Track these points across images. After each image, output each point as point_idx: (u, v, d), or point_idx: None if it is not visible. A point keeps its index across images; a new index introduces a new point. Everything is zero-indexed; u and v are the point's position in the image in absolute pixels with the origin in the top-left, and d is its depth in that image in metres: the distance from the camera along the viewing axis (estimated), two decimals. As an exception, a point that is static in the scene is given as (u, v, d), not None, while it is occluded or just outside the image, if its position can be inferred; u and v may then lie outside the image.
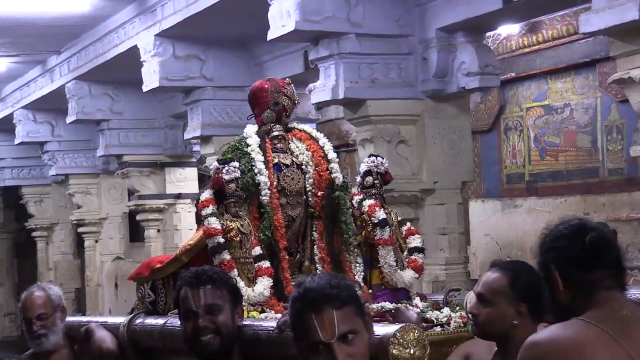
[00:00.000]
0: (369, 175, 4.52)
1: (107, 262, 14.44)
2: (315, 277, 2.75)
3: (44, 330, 4.89)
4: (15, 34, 10.55)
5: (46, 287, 5.16)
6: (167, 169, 12.91)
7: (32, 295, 4.97)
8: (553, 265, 2.76)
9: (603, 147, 9.43)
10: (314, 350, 2.67)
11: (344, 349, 2.64)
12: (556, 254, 2.77)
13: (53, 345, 4.93)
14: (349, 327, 2.67)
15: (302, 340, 2.71)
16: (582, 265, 2.74)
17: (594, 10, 5.33)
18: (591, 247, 2.77)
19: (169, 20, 8.95)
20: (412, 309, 4.22)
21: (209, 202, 4.24)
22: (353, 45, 7.30)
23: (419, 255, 4.54)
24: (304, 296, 2.69)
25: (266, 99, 4.40)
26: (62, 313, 5.04)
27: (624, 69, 5.42)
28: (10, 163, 17.04)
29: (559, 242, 2.79)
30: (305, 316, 2.67)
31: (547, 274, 2.80)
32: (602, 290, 2.73)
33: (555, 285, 2.76)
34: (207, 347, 3.35)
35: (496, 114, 10.55)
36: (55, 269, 16.57)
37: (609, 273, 2.77)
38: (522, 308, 3.38)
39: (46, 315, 4.92)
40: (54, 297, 5.02)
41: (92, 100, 11.99)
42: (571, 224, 2.85)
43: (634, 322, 2.69)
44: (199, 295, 3.37)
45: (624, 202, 8.97)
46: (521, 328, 3.37)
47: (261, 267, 4.20)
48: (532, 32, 9.83)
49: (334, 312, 2.65)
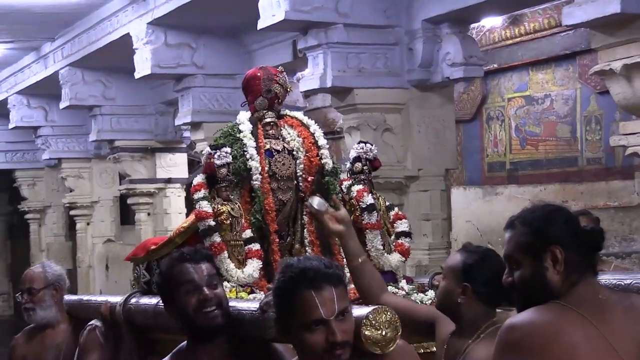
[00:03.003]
0: (358, 161, 4.51)
1: (99, 244, 14.43)
2: (304, 259, 2.75)
3: (30, 304, 4.99)
4: (10, 21, 10.50)
5: (47, 265, 5.22)
6: (158, 154, 12.90)
7: (29, 271, 5.12)
8: (559, 245, 2.73)
9: (582, 137, 9.46)
10: (308, 329, 2.66)
11: (339, 325, 2.65)
12: (565, 235, 2.74)
13: (40, 319, 5.01)
14: (344, 304, 2.68)
15: (294, 321, 2.70)
16: (583, 250, 2.74)
17: (577, 3, 5.33)
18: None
19: (161, 9, 8.92)
20: (398, 291, 4.22)
21: (201, 187, 4.23)
22: (341, 35, 7.29)
23: (405, 240, 4.54)
24: (301, 275, 2.67)
25: (259, 87, 4.39)
26: (56, 291, 5.07)
27: (605, 60, 5.43)
28: (4, 147, 16.99)
29: (566, 225, 2.76)
30: (303, 295, 2.65)
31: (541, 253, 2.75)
32: (584, 275, 2.74)
33: (554, 265, 2.72)
34: (213, 319, 3.29)
35: (479, 103, 10.58)
36: (47, 251, 16.55)
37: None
38: (466, 288, 3.41)
39: (35, 290, 4.99)
40: (49, 276, 5.06)
41: (85, 87, 11.96)
42: (567, 209, 2.84)
43: (609, 306, 2.69)
44: (201, 269, 3.35)
45: (601, 191, 8.99)
46: (466, 307, 3.41)
47: (251, 249, 4.20)
48: (515, 25, 9.85)
49: (333, 289, 2.66)
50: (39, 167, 16.70)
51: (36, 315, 5.04)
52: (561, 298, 2.70)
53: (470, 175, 10.76)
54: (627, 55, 5.27)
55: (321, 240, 4.33)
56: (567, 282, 2.71)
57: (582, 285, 2.71)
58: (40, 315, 5.04)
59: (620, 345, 2.62)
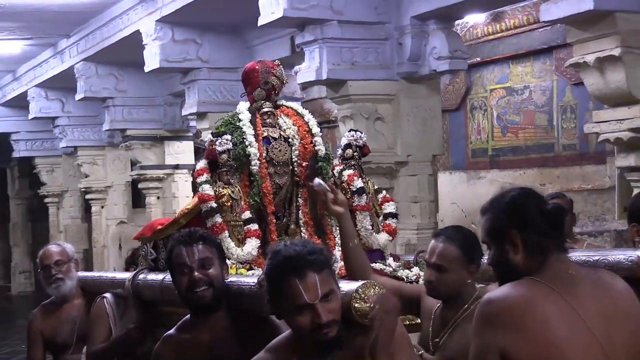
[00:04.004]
0: (348, 148, 4.51)
1: (112, 225, 14.44)
2: (290, 245, 2.74)
3: (61, 274, 4.98)
4: (29, 19, 10.48)
5: (61, 242, 5.27)
6: (166, 142, 12.91)
7: (49, 247, 5.11)
8: (515, 229, 2.75)
9: (558, 125, 9.46)
10: (297, 312, 2.67)
11: (324, 307, 2.65)
12: (520, 219, 2.75)
13: (69, 290, 5.01)
14: (328, 287, 2.68)
15: (283, 303, 2.71)
16: (542, 231, 2.73)
17: (554, 1, 5.32)
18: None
19: (168, 7, 8.91)
20: (385, 268, 4.22)
21: (204, 171, 4.23)
22: (335, 31, 7.28)
23: (392, 220, 4.54)
24: (285, 263, 2.68)
25: (257, 79, 4.38)
26: (76, 264, 5.11)
27: (580, 54, 5.42)
28: (25, 136, 17.01)
29: (522, 208, 2.77)
30: (289, 282, 2.66)
31: (502, 237, 2.78)
32: (552, 252, 2.74)
33: (514, 248, 2.75)
34: (201, 298, 3.34)
35: (463, 94, 10.57)
36: (65, 232, 16.56)
37: (559, 238, 2.77)
38: (472, 268, 3.43)
39: (62, 261, 4.99)
40: (68, 250, 5.09)
41: (98, 80, 11.96)
42: (525, 192, 2.83)
43: (578, 280, 2.70)
44: (192, 252, 3.37)
45: (576, 175, 9.01)
46: (471, 285, 3.46)
47: (250, 229, 4.20)
48: (496, 21, 9.83)
49: (315, 276, 2.66)
50: (57, 155, 16.68)
51: (65, 285, 5.02)
52: (534, 274, 2.70)
53: (456, 160, 10.76)
54: (600, 49, 5.26)
55: (315, 220, 4.33)
56: (535, 260, 2.72)
57: (552, 261, 2.72)
58: (68, 286, 5.03)
59: (588, 316, 2.63)
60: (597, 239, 7.47)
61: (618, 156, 5.62)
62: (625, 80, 5.22)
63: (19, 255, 20.99)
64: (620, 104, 5.37)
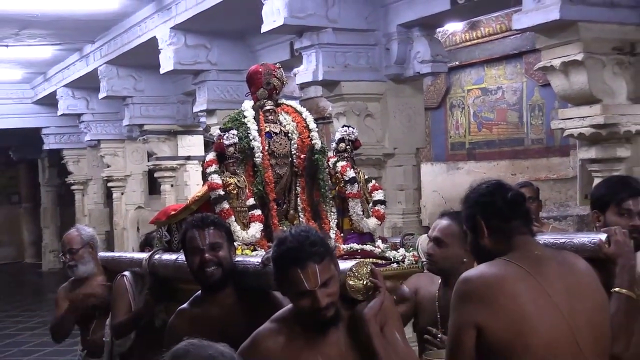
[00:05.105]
0: (342, 141, 4.48)
1: (131, 210, 14.41)
2: (295, 236, 2.72)
3: (73, 262, 5.05)
4: (58, 27, 10.46)
5: (80, 228, 5.24)
6: (179, 136, 12.89)
7: (67, 235, 5.13)
8: (479, 216, 2.75)
9: (527, 121, 9.45)
10: (299, 296, 2.69)
11: (323, 292, 2.66)
12: (482, 207, 2.77)
13: (82, 273, 5.05)
14: (327, 275, 2.68)
15: (287, 287, 2.73)
16: (503, 216, 2.74)
17: (524, 11, 5.30)
18: (511, 202, 2.77)
19: (181, 16, 8.88)
20: (374, 249, 4.21)
21: (212, 162, 4.20)
22: (330, 37, 7.25)
23: (381, 207, 4.51)
24: (289, 254, 2.68)
25: (260, 80, 4.35)
26: (92, 249, 5.09)
27: (547, 58, 5.40)
28: (54, 130, 16.99)
29: (485, 197, 2.78)
30: (291, 271, 2.67)
31: (472, 223, 2.79)
32: (518, 235, 2.74)
33: (481, 233, 2.76)
34: (211, 277, 3.35)
35: (443, 94, 10.56)
36: (89, 216, 16.55)
37: (522, 222, 2.77)
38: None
39: (75, 250, 5.01)
40: (84, 236, 5.08)
41: (119, 80, 11.94)
42: (492, 183, 2.84)
43: (544, 260, 2.70)
44: (204, 235, 3.38)
45: (543, 166, 9.01)
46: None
47: (254, 214, 4.17)
48: (473, 29, 9.82)
49: (316, 266, 2.66)
50: (82, 147, 16.64)
51: (78, 270, 5.06)
52: (505, 255, 2.70)
53: (437, 153, 10.76)
54: (565, 55, 5.25)
55: (311, 207, 4.31)
56: (501, 243, 2.73)
57: (519, 243, 2.73)
58: (81, 270, 5.05)
59: (554, 292, 2.63)
60: (562, 222, 7.48)
61: (580, 149, 5.61)
62: (587, 82, 5.22)
63: (48, 236, 20.98)
64: (582, 103, 5.36)
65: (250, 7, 7.46)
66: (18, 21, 9.91)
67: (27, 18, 9.70)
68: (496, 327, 2.56)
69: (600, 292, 2.76)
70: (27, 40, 11.24)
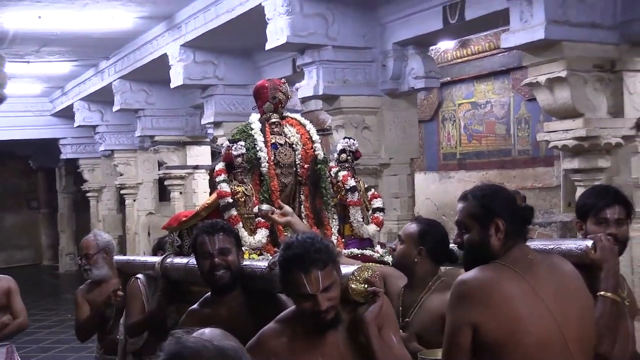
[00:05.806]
0: (343, 152, 4.49)
1: (142, 216, 14.39)
2: (301, 242, 2.70)
3: (88, 266, 5.03)
4: (75, 44, 10.46)
5: (98, 234, 5.21)
6: (188, 146, 12.88)
7: (84, 240, 5.12)
8: (501, 219, 2.70)
9: (514, 134, 9.45)
10: (301, 299, 2.68)
11: (325, 296, 2.65)
12: (510, 212, 2.71)
13: (97, 277, 5.04)
14: (329, 280, 2.67)
15: (291, 289, 2.72)
16: (522, 223, 2.73)
17: (512, 31, 5.30)
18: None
19: (191, 34, 8.88)
20: (374, 254, 4.20)
21: (221, 172, 4.20)
22: (330, 54, 7.25)
23: (380, 214, 4.51)
24: (294, 259, 2.67)
25: (266, 94, 4.36)
26: (107, 254, 5.08)
27: (533, 75, 5.40)
28: (71, 141, 16.98)
29: (513, 203, 2.75)
30: (295, 275, 2.66)
31: (487, 222, 2.71)
32: (516, 241, 2.72)
33: (498, 233, 2.69)
34: (220, 279, 3.34)
35: (436, 107, 10.55)
36: (103, 221, 16.53)
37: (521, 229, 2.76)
38: (421, 250, 3.41)
39: (90, 255, 5.00)
40: (100, 242, 5.06)
41: (132, 94, 11.94)
42: (509, 190, 2.84)
43: (535, 264, 2.68)
44: (214, 240, 3.37)
45: (529, 175, 9.00)
46: (420, 265, 3.42)
47: (260, 221, 4.17)
48: (463, 47, 9.82)
49: (318, 272, 2.65)
50: (97, 157, 16.62)
51: (92, 273, 5.05)
52: (500, 259, 2.69)
53: (429, 163, 10.75)
54: (550, 72, 5.25)
55: (314, 213, 4.30)
56: (505, 247, 2.70)
57: (515, 248, 2.71)
58: (95, 274, 5.04)
59: (545, 295, 2.61)
60: (546, 228, 7.47)
61: (564, 160, 5.60)
62: (570, 98, 5.22)
63: (65, 240, 20.95)
64: (566, 117, 5.36)
65: (255, 26, 7.47)
66: (39, 39, 9.92)
67: (48, 36, 9.71)
68: (490, 327, 2.54)
69: (586, 294, 2.75)
70: (47, 57, 11.25)
